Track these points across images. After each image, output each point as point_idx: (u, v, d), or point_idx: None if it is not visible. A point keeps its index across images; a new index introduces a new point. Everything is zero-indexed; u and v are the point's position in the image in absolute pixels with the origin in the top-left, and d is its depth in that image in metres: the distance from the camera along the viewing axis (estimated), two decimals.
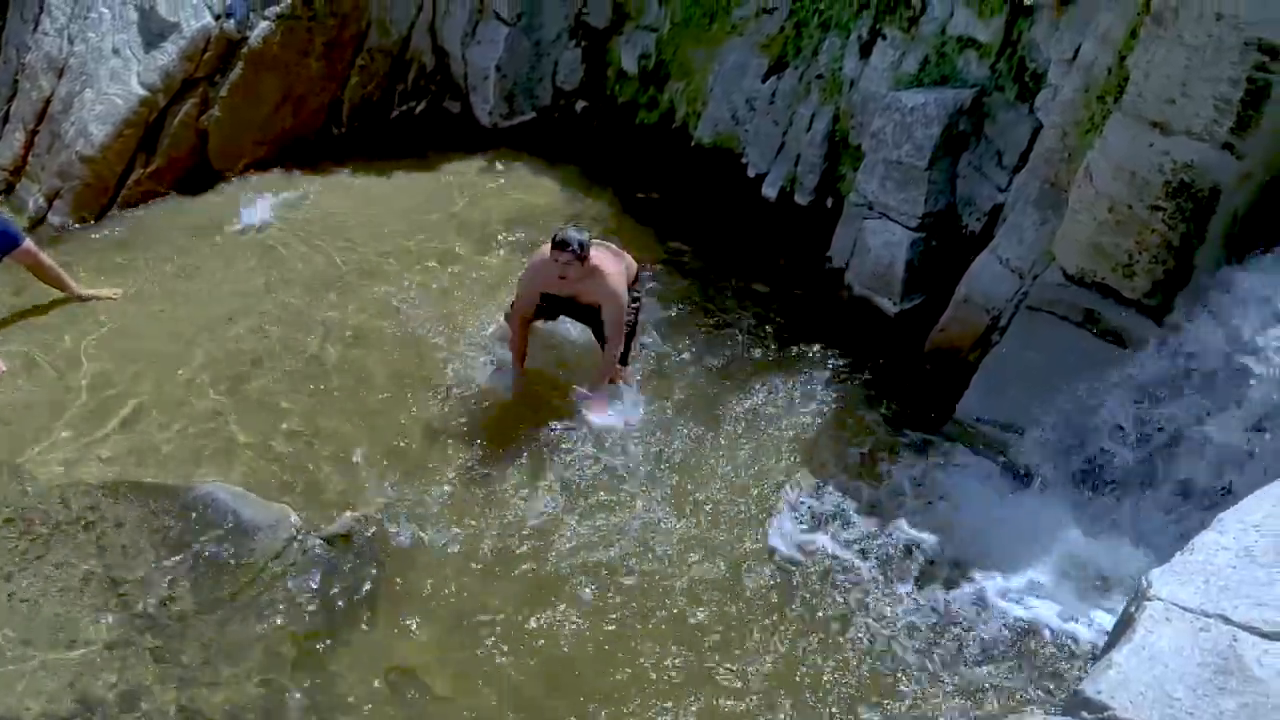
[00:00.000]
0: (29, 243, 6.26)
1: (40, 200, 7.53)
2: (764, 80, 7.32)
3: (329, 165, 8.09)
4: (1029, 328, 5.15)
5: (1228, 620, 2.33)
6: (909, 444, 5.39)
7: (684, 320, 6.33)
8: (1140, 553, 4.41)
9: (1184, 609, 2.38)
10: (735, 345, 6.10)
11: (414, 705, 4.12)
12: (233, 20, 7.64)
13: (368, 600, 4.54)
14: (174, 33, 7.54)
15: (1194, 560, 2.53)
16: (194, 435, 5.37)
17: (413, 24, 8.52)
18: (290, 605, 4.49)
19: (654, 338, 6.14)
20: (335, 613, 4.48)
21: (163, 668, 4.20)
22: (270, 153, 8.10)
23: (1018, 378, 5.08)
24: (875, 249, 6.20)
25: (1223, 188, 4.40)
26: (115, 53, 7.57)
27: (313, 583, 4.58)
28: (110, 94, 7.47)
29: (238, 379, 5.74)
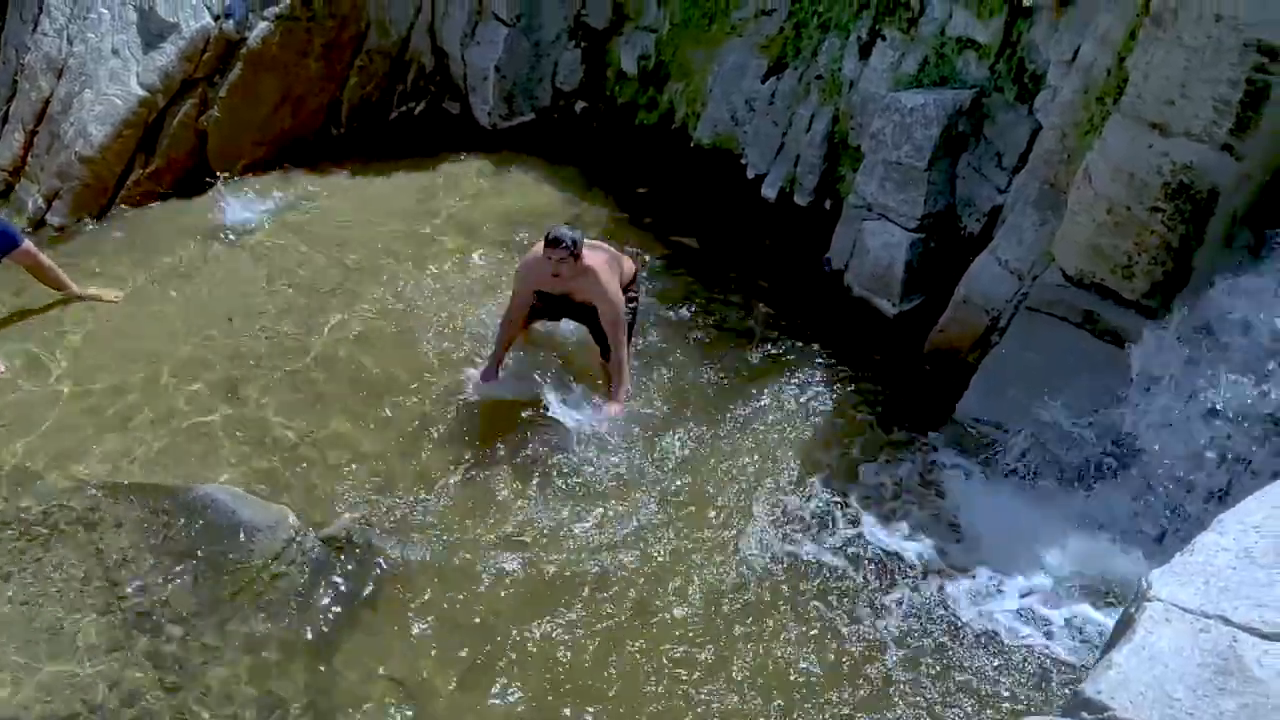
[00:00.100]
0: (28, 243, 6.25)
1: (39, 201, 7.52)
2: (763, 81, 7.32)
3: (328, 166, 8.09)
4: (1028, 329, 5.15)
5: (1228, 621, 2.33)
6: (908, 445, 5.39)
7: (682, 321, 6.33)
8: (1139, 553, 4.41)
9: (1184, 610, 2.38)
10: (734, 346, 6.10)
11: (412, 707, 4.11)
12: (232, 21, 7.63)
13: (366, 601, 4.54)
14: (173, 33, 7.54)
15: (1194, 561, 2.52)
16: (193, 436, 5.37)
17: (412, 25, 8.52)
18: (288, 606, 4.48)
19: (652, 338, 6.14)
20: (333, 614, 4.47)
21: (161, 669, 4.20)
22: (269, 153, 8.09)
23: (1017, 378, 5.08)
24: (874, 250, 6.21)
25: (1221, 189, 4.40)
26: (114, 53, 7.57)
27: (311, 584, 4.58)
28: (109, 94, 7.47)
29: (237, 380, 5.74)
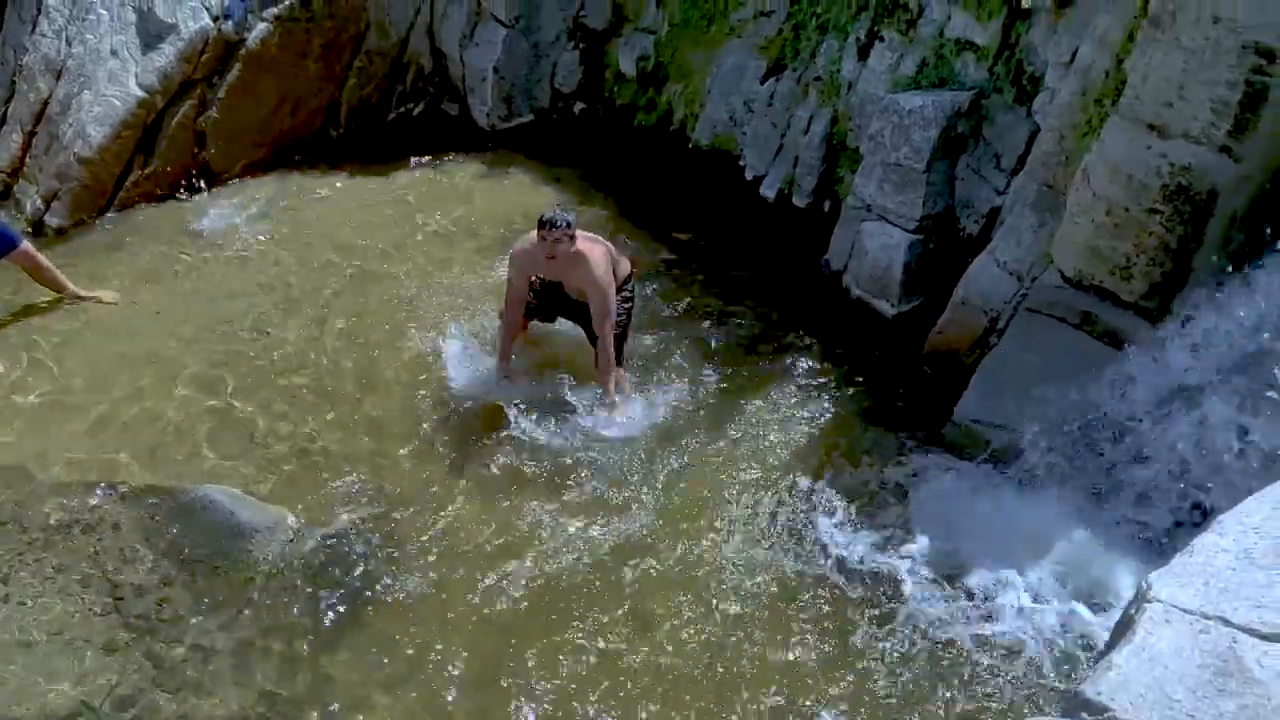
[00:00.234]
0: (26, 244, 6.26)
1: (38, 202, 7.52)
2: (762, 82, 7.33)
3: (327, 167, 8.11)
4: (1027, 330, 5.15)
5: (1227, 622, 2.33)
6: (907, 446, 5.38)
7: (681, 322, 6.33)
8: (1139, 554, 4.41)
9: (1184, 611, 2.38)
10: (732, 347, 6.10)
11: (411, 708, 4.11)
12: (231, 22, 7.64)
13: (365, 603, 4.54)
14: (172, 34, 7.54)
15: (1194, 562, 2.52)
16: (191, 437, 5.37)
17: (411, 26, 8.52)
18: (287, 607, 4.48)
19: (650, 340, 6.14)
20: (332, 615, 4.47)
21: (159, 670, 4.20)
22: (268, 154, 8.10)
23: (1016, 379, 5.08)
24: (873, 251, 6.21)
25: (1220, 190, 4.40)
26: (113, 54, 7.57)
27: (309, 585, 4.58)
28: (108, 95, 7.47)
29: (236, 381, 5.74)
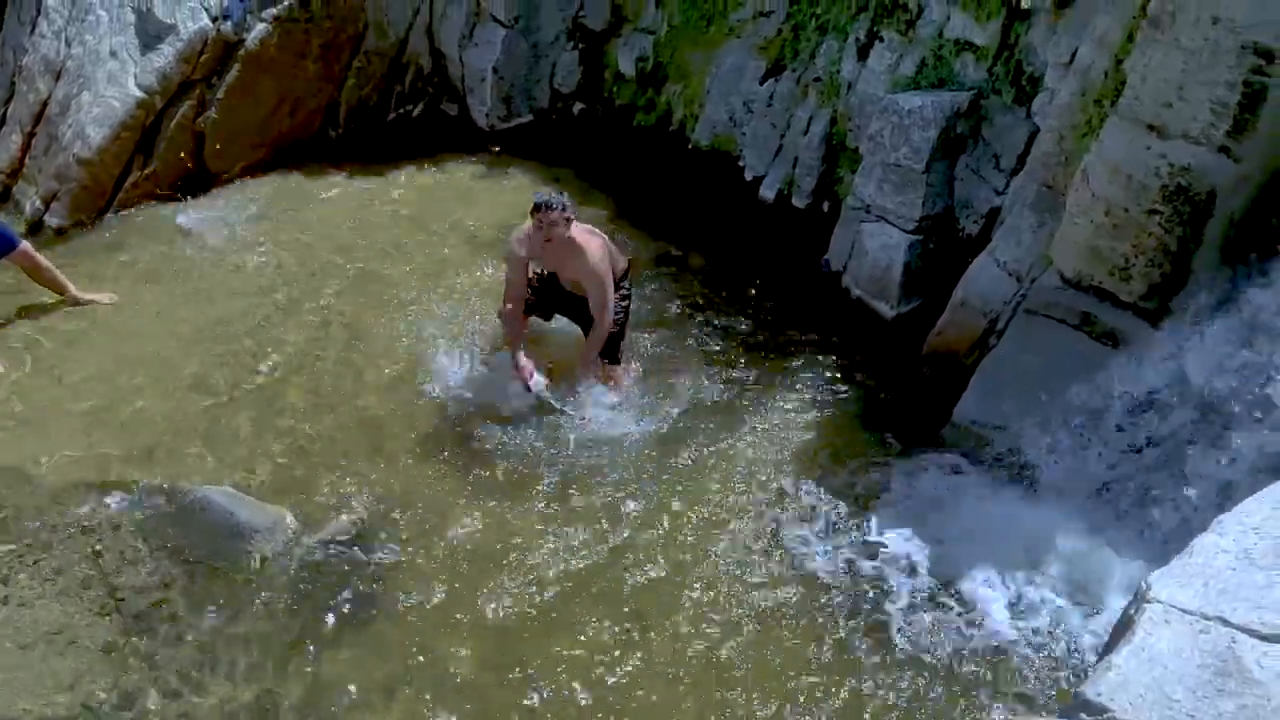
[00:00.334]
0: (26, 245, 6.26)
1: (37, 202, 7.52)
2: (761, 83, 7.33)
3: (326, 167, 8.10)
4: (1026, 331, 5.15)
5: (1227, 622, 2.34)
6: (906, 447, 5.38)
7: (680, 322, 6.33)
8: (1139, 555, 4.41)
9: (1183, 611, 2.39)
10: (731, 348, 6.10)
11: (410, 710, 4.11)
12: (230, 22, 7.64)
13: (364, 604, 4.53)
14: (171, 35, 7.54)
15: (1193, 562, 2.53)
16: (190, 438, 5.37)
17: (410, 26, 8.53)
18: (286, 608, 4.48)
19: (650, 339, 6.14)
20: (331, 616, 4.46)
21: (158, 671, 4.20)
22: (267, 155, 8.10)
23: (1015, 381, 5.08)
24: (873, 252, 6.21)
25: (1219, 191, 4.40)
26: (112, 55, 7.57)
27: (309, 586, 4.58)
28: (107, 96, 7.47)
29: (234, 382, 5.74)
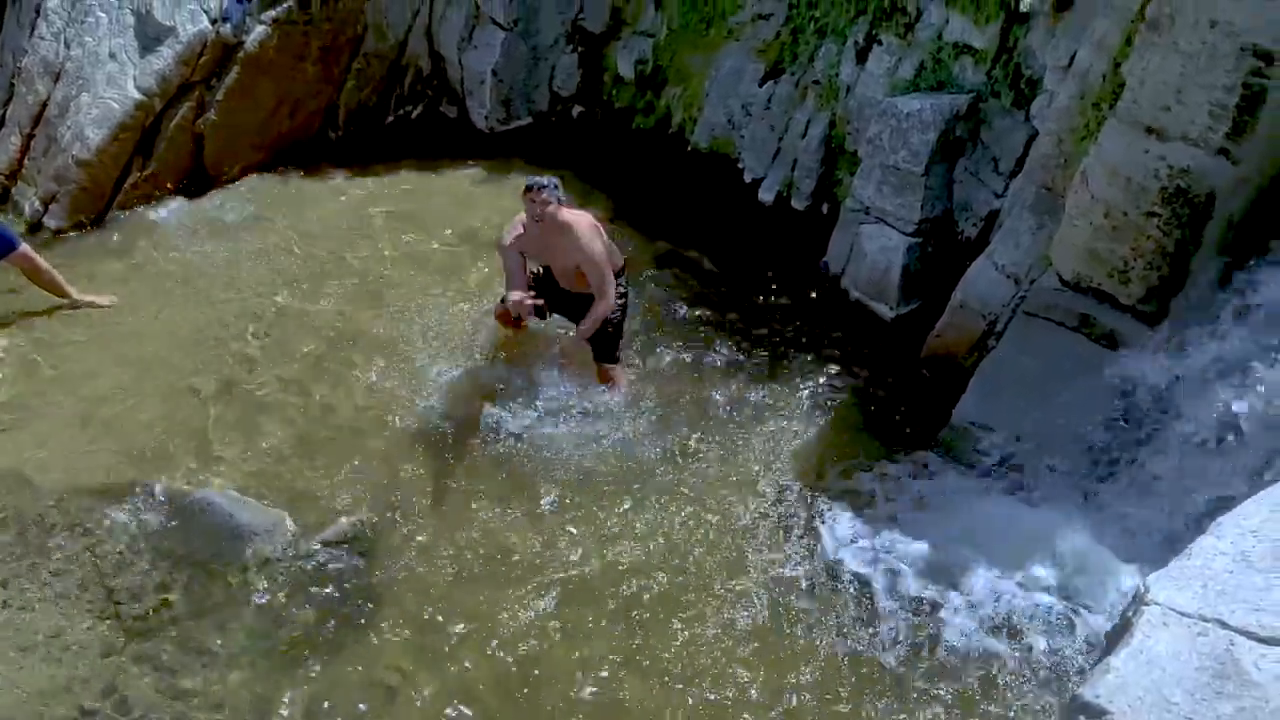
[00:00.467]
0: (25, 247, 6.25)
1: (36, 204, 7.51)
2: (760, 85, 7.33)
3: (325, 170, 8.09)
4: (1025, 333, 5.15)
5: (1225, 625, 2.34)
6: (905, 449, 5.38)
7: (679, 324, 6.33)
8: (1137, 557, 4.41)
9: (1181, 614, 2.39)
10: (730, 350, 6.10)
11: (408, 712, 4.11)
12: (229, 24, 7.63)
13: (363, 606, 4.53)
14: (170, 37, 7.54)
15: (1191, 565, 2.53)
16: (189, 440, 5.37)
17: (409, 28, 8.52)
18: (285, 610, 4.48)
19: (649, 341, 6.14)
20: (330, 618, 4.47)
21: (157, 673, 4.20)
22: (266, 157, 8.09)
23: (1013, 383, 5.09)
24: (871, 254, 6.22)
25: (1218, 193, 4.41)
26: (112, 57, 7.57)
27: (308, 588, 4.58)
28: (106, 98, 7.47)
29: (234, 383, 5.74)
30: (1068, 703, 2.30)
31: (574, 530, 4.91)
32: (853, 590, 4.61)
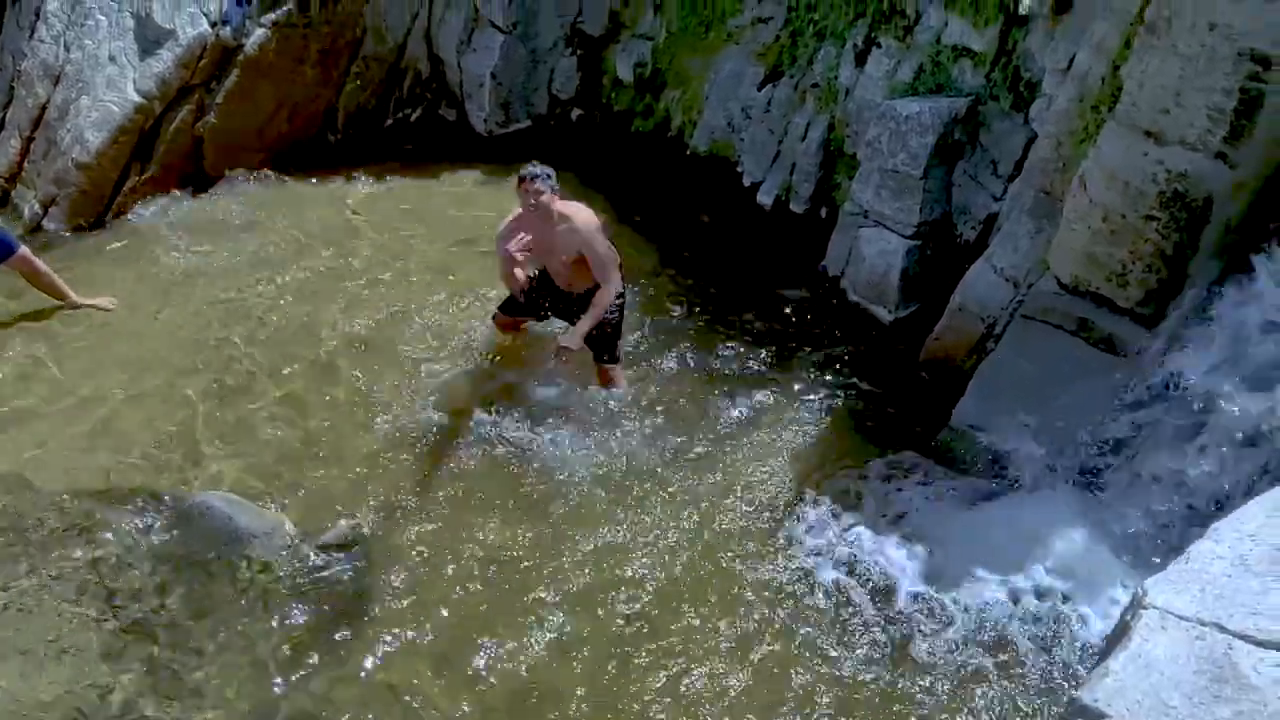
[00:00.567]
0: (25, 250, 6.25)
1: (36, 207, 7.52)
2: (759, 89, 7.34)
3: (324, 173, 8.10)
4: (1023, 336, 5.16)
5: (1223, 629, 2.35)
6: (904, 452, 5.39)
7: (678, 327, 6.33)
8: (1136, 561, 4.42)
9: (1180, 617, 2.40)
10: (729, 353, 6.10)
11: (407, 714, 4.11)
12: (229, 27, 7.65)
13: (362, 609, 4.53)
14: (170, 40, 7.55)
15: (1190, 569, 2.54)
16: (188, 442, 5.37)
17: (408, 31, 8.54)
18: (284, 613, 4.48)
19: (647, 344, 6.15)
20: (330, 621, 4.46)
21: (156, 676, 4.19)
22: (265, 160, 8.10)
23: (1012, 385, 5.09)
24: (870, 257, 6.22)
25: (1216, 197, 4.42)
26: (111, 60, 7.58)
27: (307, 591, 4.57)
28: (106, 101, 7.48)
29: (232, 387, 5.74)
30: (1066, 706, 2.31)
31: (575, 536, 4.90)
32: (848, 593, 4.61)
